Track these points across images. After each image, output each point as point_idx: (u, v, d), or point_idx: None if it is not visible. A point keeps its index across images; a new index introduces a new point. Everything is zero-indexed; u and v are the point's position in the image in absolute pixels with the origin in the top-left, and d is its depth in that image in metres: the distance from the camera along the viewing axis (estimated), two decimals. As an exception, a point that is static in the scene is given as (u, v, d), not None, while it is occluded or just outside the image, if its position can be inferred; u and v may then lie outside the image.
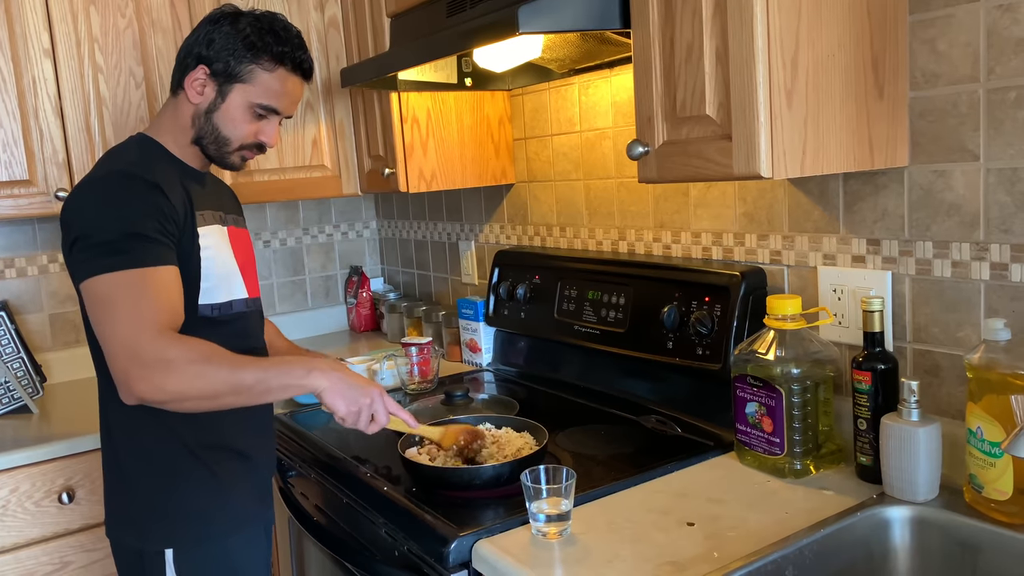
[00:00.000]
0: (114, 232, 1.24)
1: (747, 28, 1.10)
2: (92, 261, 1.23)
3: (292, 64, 1.43)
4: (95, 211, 1.27)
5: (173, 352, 1.19)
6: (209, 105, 1.41)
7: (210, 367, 1.20)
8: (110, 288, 1.22)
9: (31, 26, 2.08)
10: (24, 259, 2.41)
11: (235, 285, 1.43)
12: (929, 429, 1.19)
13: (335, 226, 2.91)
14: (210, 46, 1.39)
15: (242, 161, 1.48)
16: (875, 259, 1.35)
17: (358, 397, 1.30)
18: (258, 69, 1.40)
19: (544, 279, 1.97)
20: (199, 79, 1.40)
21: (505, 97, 2.16)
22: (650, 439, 1.57)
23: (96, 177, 1.32)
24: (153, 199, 1.29)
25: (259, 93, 1.41)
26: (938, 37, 1.22)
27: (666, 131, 1.26)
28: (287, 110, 1.47)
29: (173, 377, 1.19)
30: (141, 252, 1.24)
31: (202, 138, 1.43)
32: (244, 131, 1.43)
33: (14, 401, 2.11)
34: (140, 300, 1.22)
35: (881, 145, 1.24)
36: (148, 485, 1.39)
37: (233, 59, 1.39)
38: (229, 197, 1.59)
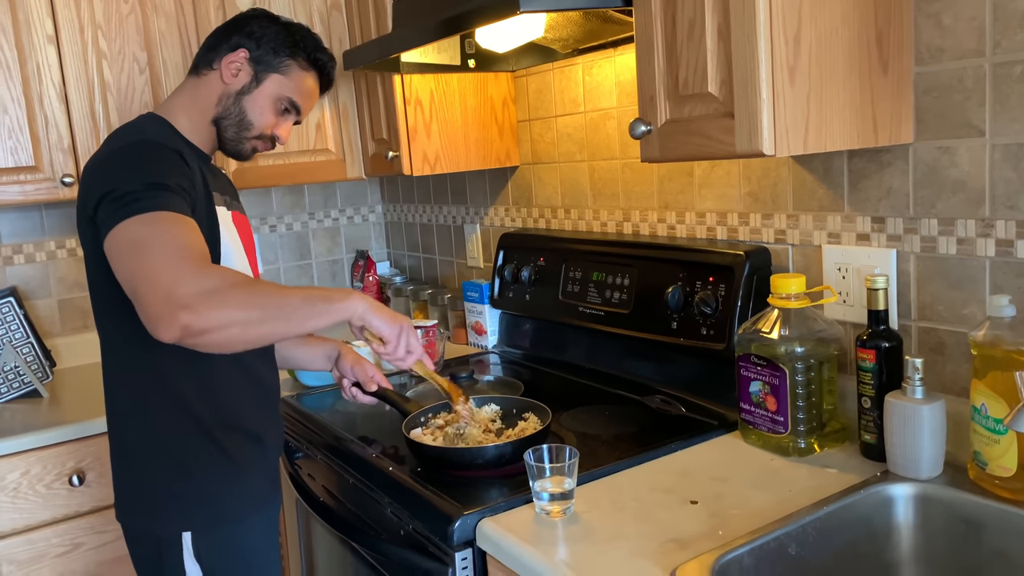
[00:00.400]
0: (139, 184, 1.21)
1: (748, 4, 1.09)
2: (119, 211, 1.18)
3: (321, 72, 1.53)
4: (118, 172, 1.24)
5: (215, 278, 1.14)
6: (242, 88, 1.45)
7: (254, 290, 1.16)
8: (139, 230, 1.17)
9: (34, 12, 2.08)
10: (32, 245, 2.42)
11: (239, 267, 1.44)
12: (933, 407, 1.18)
13: (341, 210, 2.91)
14: (252, 36, 1.45)
15: (252, 151, 1.51)
16: (880, 237, 1.35)
17: (396, 317, 1.32)
18: (295, 66, 1.48)
19: (549, 261, 1.97)
20: (237, 62, 1.44)
21: (509, 78, 2.16)
22: (654, 419, 1.57)
23: (113, 149, 1.31)
24: (176, 162, 1.29)
25: (291, 87, 1.48)
26: (943, 11, 1.21)
27: (668, 109, 1.26)
28: (305, 112, 1.54)
29: (219, 301, 1.12)
30: (168, 200, 1.21)
31: (225, 118, 1.45)
32: (267, 120, 1.48)
33: (24, 385, 2.13)
34: (172, 235, 1.17)
35: (885, 122, 1.23)
36: (161, 469, 1.38)
37: (275, 51, 1.46)
38: (230, 184, 1.59)
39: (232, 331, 1.13)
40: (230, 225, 1.43)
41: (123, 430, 1.41)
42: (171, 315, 1.10)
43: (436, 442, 1.45)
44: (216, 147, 1.50)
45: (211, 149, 1.50)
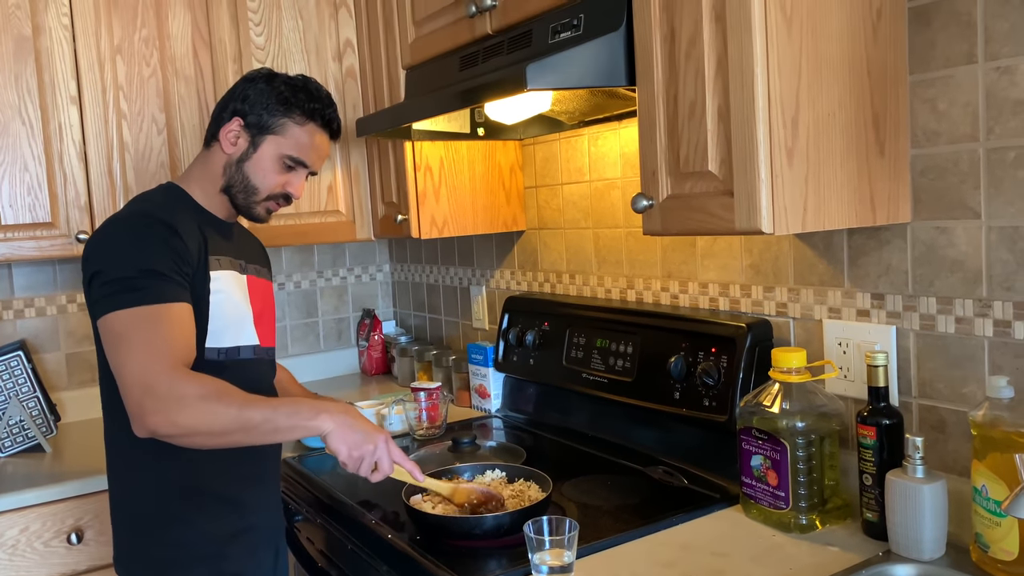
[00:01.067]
0: (131, 269, 1.29)
1: (748, 88, 1.13)
2: (109, 298, 1.28)
3: (322, 120, 1.52)
4: (113, 249, 1.32)
5: (186, 388, 1.22)
6: (241, 155, 1.48)
7: (221, 404, 1.22)
8: (126, 324, 1.26)
9: (60, 74, 2.16)
10: (43, 299, 2.45)
11: (245, 332, 1.46)
12: (934, 486, 1.18)
13: (349, 269, 2.94)
14: (245, 100, 1.48)
15: (267, 213, 1.53)
16: (879, 313, 1.36)
17: (362, 443, 1.30)
18: (290, 123, 1.48)
19: (553, 326, 1.99)
20: (233, 130, 1.47)
21: (516, 146, 2.20)
22: (656, 490, 1.56)
23: (117, 218, 1.39)
24: (169, 239, 1.34)
25: (290, 145, 1.48)
26: (938, 97, 1.24)
27: (670, 185, 1.29)
28: (315, 164, 1.53)
29: (185, 412, 1.21)
30: (156, 289, 1.29)
31: (232, 186, 1.49)
32: (272, 181, 1.49)
33: (28, 440, 2.14)
34: (155, 336, 1.25)
35: (883, 201, 1.26)
36: (134, 525, 1.43)
37: (267, 112, 1.47)
38: (256, 250, 1.64)
39: (197, 439, 1.24)
40: (236, 288, 1.46)
41: (113, 481, 1.47)
42: (142, 417, 1.22)
43: (436, 510, 1.44)
44: (234, 213, 1.54)
45: (228, 215, 1.54)
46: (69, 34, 2.16)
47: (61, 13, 2.15)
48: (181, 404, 1.21)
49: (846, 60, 1.20)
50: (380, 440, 1.32)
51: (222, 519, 1.44)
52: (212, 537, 1.43)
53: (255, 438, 1.25)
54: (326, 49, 2.26)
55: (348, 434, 1.29)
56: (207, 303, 1.40)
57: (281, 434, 1.27)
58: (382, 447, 1.32)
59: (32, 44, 2.12)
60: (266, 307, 1.55)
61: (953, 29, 1.22)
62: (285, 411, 1.27)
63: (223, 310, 1.41)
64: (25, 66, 2.12)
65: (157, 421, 1.21)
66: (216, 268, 1.42)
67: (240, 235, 1.60)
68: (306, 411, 1.28)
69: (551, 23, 1.46)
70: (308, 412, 1.28)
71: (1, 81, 2.09)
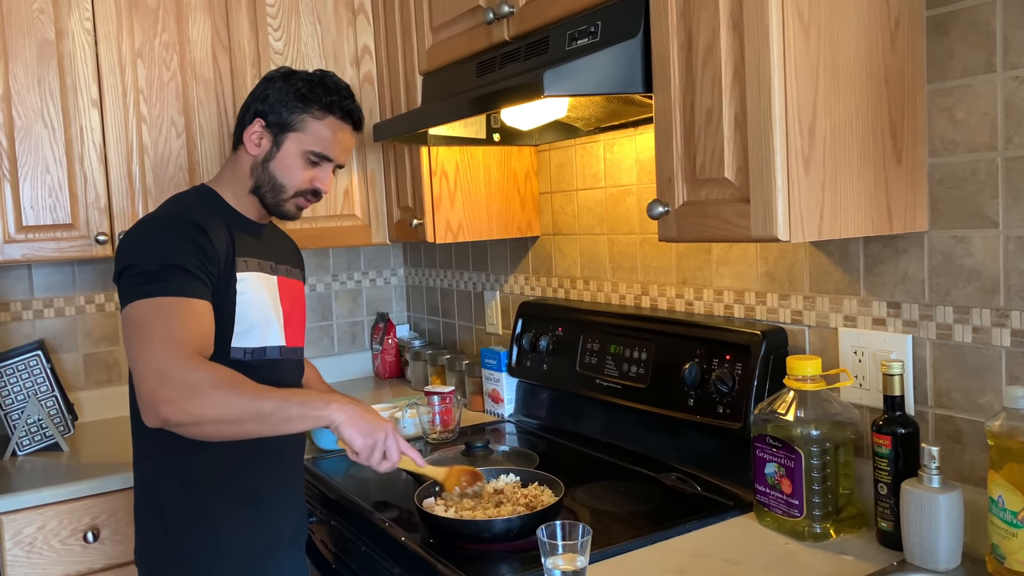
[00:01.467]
0: (156, 263, 1.32)
1: (765, 96, 1.13)
2: (134, 289, 1.31)
3: (341, 113, 1.52)
4: (142, 245, 1.36)
5: (199, 375, 1.23)
6: (266, 155, 1.49)
7: (234, 392, 1.24)
8: (145, 313, 1.29)
9: (81, 78, 2.18)
10: (62, 299, 2.48)
11: (271, 332, 1.48)
12: (950, 496, 1.17)
13: (364, 273, 2.96)
14: (265, 101, 1.50)
15: (297, 209, 1.54)
16: (895, 322, 1.36)
17: (373, 431, 1.33)
18: (309, 118, 1.49)
19: (567, 331, 1.99)
20: (256, 131, 1.49)
21: (532, 152, 2.21)
22: (669, 497, 1.56)
23: (149, 217, 1.42)
24: (196, 238, 1.36)
25: (311, 141, 1.49)
26: (956, 106, 1.24)
27: (686, 192, 1.29)
28: (339, 157, 1.54)
29: (197, 400, 1.22)
30: (179, 283, 1.31)
31: (260, 187, 1.51)
32: (299, 178, 1.50)
33: (46, 438, 2.16)
34: (172, 325, 1.27)
35: (900, 210, 1.25)
36: (158, 520, 1.44)
37: (286, 110, 1.48)
38: (289, 250, 1.66)
39: (206, 428, 1.24)
40: (264, 289, 1.48)
41: (136, 475, 1.49)
42: (154, 406, 1.22)
43: (449, 512, 1.45)
44: (266, 213, 1.55)
45: (260, 216, 1.55)
46: (91, 38, 2.19)
47: (84, 17, 2.18)
48: (194, 392, 1.22)
49: (864, 68, 1.20)
50: (388, 428, 1.35)
51: (246, 517, 1.46)
52: (235, 534, 1.44)
53: (267, 428, 1.26)
54: (344, 54, 2.27)
55: (360, 423, 1.32)
56: (233, 303, 1.41)
57: (293, 423, 1.27)
58: (391, 436, 1.35)
59: (55, 48, 2.15)
60: (296, 307, 1.56)
61: (972, 38, 1.21)
62: (297, 401, 1.28)
63: (249, 310, 1.43)
64: (48, 69, 2.14)
65: (169, 410, 1.22)
66: (243, 269, 1.44)
67: (273, 235, 1.61)
68: (317, 401, 1.30)
69: (568, 30, 1.46)
70: (319, 403, 1.30)
71: (24, 84, 2.12)
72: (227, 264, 1.41)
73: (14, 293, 2.42)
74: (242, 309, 1.42)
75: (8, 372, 2.17)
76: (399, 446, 1.37)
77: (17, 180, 2.12)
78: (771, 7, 1.11)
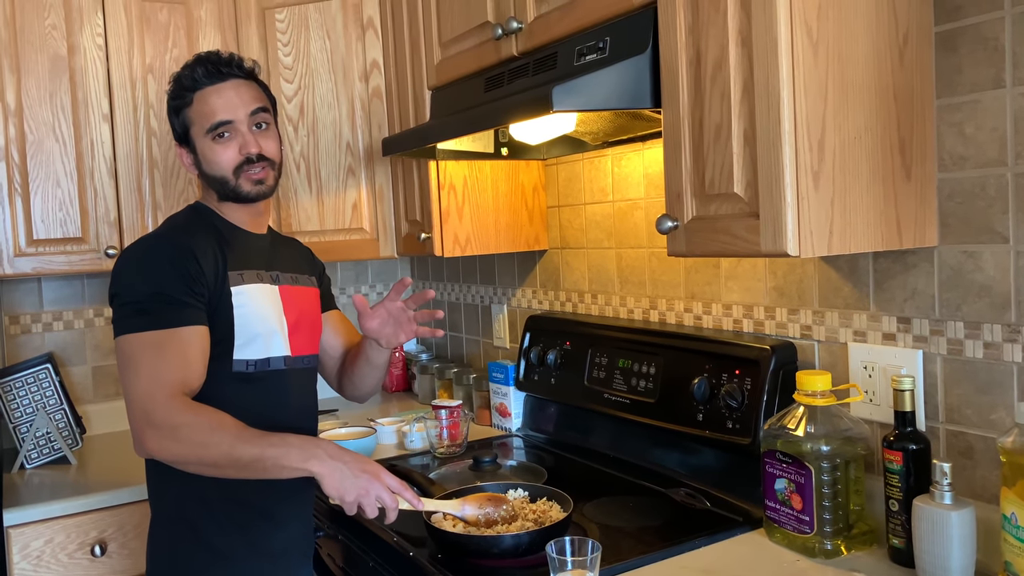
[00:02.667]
0: (141, 293, 1.34)
1: (774, 112, 1.13)
2: (121, 321, 1.34)
3: (206, 78, 1.43)
4: (129, 272, 1.38)
5: (180, 419, 1.27)
6: (196, 164, 1.49)
7: (213, 438, 1.26)
8: (133, 348, 1.32)
9: (93, 92, 2.20)
10: (71, 312, 2.49)
11: (275, 342, 1.47)
12: (962, 513, 1.17)
13: (371, 286, 2.96)
14: (172, 127, 1.51)
15: (254, 185, 1.46)
16: (906, 337, 1.35)
17: (353, 488, 1.26)
18: (187, 109, 1.46)
19: (575, 345, 1.99)
20: (180, 154, 1.51)
21: (540, 166, 2.22)
22: (679, 512, 1.56)
23: (139, 242, 1.43)
24: (183, 262, 1.37)
25: (201, 122, 1.44)
26: (965, 121, 1.24)
27: (695, 207, 1.29)
28: (236, 114, 1.43)
29: (178, 443, 1.27)
30: (165, 313, 1.33)
31: (217, 190, 1.48)
32: (224, 158, 1.44)
33: (54, 451, 2.17)
34: (158, 362, 1.30)
35: (909, 225, 1.25)
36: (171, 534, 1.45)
37: (175, 118, 1.49)
38: (296, 257, 1.62)
39: (190, 467, 1.30)
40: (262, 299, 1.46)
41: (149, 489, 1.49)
42: (142, 441, 1.29)
43: (456, 528, 1.44)
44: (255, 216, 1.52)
45: (253, 224, 1.53)
46: (103, 53, 2.21)
47: (96, 33, 2.20)
48: (174, 435, 1.27)
49: (872, 84, 1.20)
50: (372, 481, 1.27)
51: (255, 530, 1.45)
52: (244, 547, 1.44)
53: (245, 475, 1.28)
54: (353, 69, 2.29)
55: (340, 479, 1.25)
56: (232, 317, 1.41)
57: (269, 473, 1.26)
58: (376, 486, 1.27)
59: (67, 63, 2.17)
60: (304, 315, 1.54)
61: (980, 54, 1.22)
62: (274, 452, 1.26)
63: (249, 323, 1.43)
64: (60, 84, 2.16)
65: (153, 447, 1.28)
66: (238, 283, 1.44)
67: (276, 244, 1.59)
68: (295, 453, 1.26)
69: (576, 46, 1.47)
70: (298, 455, 1.26)
71: (36, 99, 2.14)
72: (218, 281, 1.41)
73: (24, 306, 2.43)
74: (241, 322, 1.42)
75: (18, 385, 2.18)
76: (391, 489, 1.28)
77: (28, 194, 2.14)
78: (780, 23, 1.12)
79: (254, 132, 1.45)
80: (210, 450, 1.26)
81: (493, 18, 1.73)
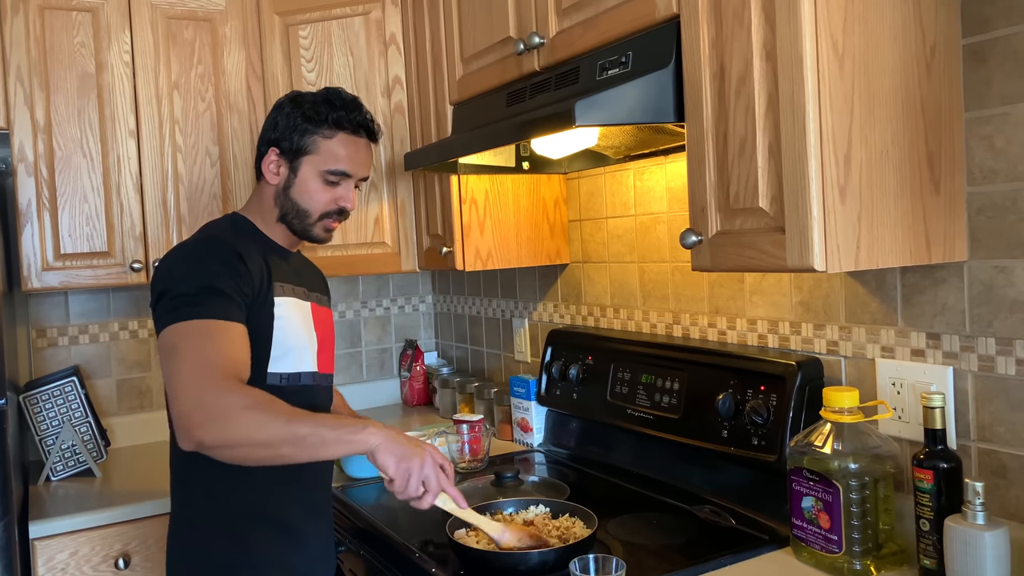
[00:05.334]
0: (192, 287, 1.32)
1: (799, 125, 1.12)
2: (170, 313, 1.31)
3: (351, 127, 1.50)
4: (178, 269, 1.37)
5: (232, 398, 1.22)
6: (285, 183, 1.50)
7: (267, 416, 1.22)
8: (180, 336, 1.29)
9: (120, 109, 2.23)
10: (97, 326, 2.52)
11: (306, 358, 1.48)
12: (996, 534, 1.14)
13: (392, 300, 2.97)
14: (276, 128, 1.50)
15: (326, 232, 1.53)
16: (935, 353, 1.33)
17: (409, 456, 1.27)
18: (319, 138, 1.48)
19: (597, 360, 1.98)
20: (272, 161, 1.51)
21: (561, 180, 2.22)
22: (703, 530, 1.53)
23: (184, 243, 1.44)
24: (231, 261, 1.38)
25: (326, 160, 1.49)
26: (995, 134, 1.22)
27: (719, 221, 1.28)
28: (357, 172, 1.52)
29: (230, 423, 1.21)
30: (214, 305, 1.31)
31: (286, 215, 1.52)
32: (320, 200, 1.50)
33: (79, 464, 2.18)
34: (207, 348, 1.27)
35: (938, 240, 1.23)
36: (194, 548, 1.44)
37: (296, 134, 1.48)
38: (317, 278, 1.67)
39: (240, 451, 1.23)
40: (299, 315, 1.49)
41: (174, 502, 1.49)
42: (188, 430, 1.22)
43: (480, 544, 1.43)
44: (295, 240, 1.56)
45: (289, 243, 1.56)
46: (130, 70, 2.24)
47: (123, 51, 2.23)
48: (227, 415, 1.21)
49: (899, 97, 1.19)
50: (427, 457, 1.29)
51: (277, 544, 1.45)
52: (266, 562, 1.44)
53: (301, 452, 1.24)
54: (375, 85, 2.30)
55: (395, 447, 1.27)
56: (271, 328, 1.42)
57: (327, 448, 1.25)
58: (429, 464, 1.28)
59: (95, 80, 2.20)
60: (327, 334, 1.57)
61: (1010, 66, 1.20)
62: (331, 424, 1.25)
63: (285, 336, 1.44)
64: (88, 101, 2.20)
65: (202, 433, 1.21)
66: (280, 294, 1.45)
67: (301, 263, 1.63)
68: (352, 425, 1.27)
69: (599, 60, 1.47)
70: (354, 427, 1.27)
71: (65, 116, 2.17)
72: (263, 289, 1.42)
73: (51, 319, 2.46)
74: (279, 334, 1.43)
75: (44, 398, 2.20)
76: (439, 480, 1.30)
77: (56, 209, 2.17)
78: (805, 37, 1.11)
79: (353, 191, 1.53)
80: (265, 428, 1.21)
81: (515, 33, 1.73)
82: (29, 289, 2.14)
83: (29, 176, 2.14)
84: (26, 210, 2.13)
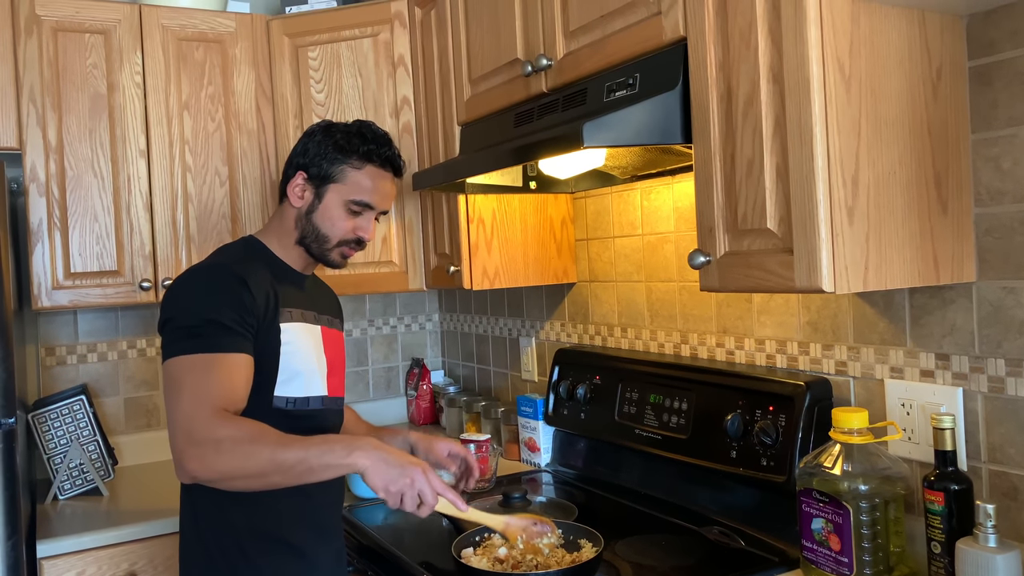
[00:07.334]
0: (195, 318, 1.35)
1: (807, 147, 1.13)
2: (172, 344, 1.35)
3: (380, 160, 1.54)
4: (183, 298, 1.39)
5: (223, 432, 1.26)
6: (308, 207, 1.52)
7: (255, 447, 1.25)
8: (180, 369, 1.32)
9: (130, 129, 2.25)
10: (105, 344, 2.53)
11: (314, 382, 1.49)
12: (1008, 557, 1.13)
13: (399, 318, 2.98)
14: (306, 154, 1.53)
15: (342, 258, 1.57)
16: (944, 374, 1.33)
17: (398, 478, 1.27)
18: (348, 168, 1.52)
19: (605, 380, 1.98)
20: (299, 184, 1.53)
21: (568, 199, 2.23)
22: (712, 551, 1.53)
23: (194, 269, 1.45)
24: (236, 291, 1.39)
25: (351, 190, 1.52)
26: (1002, 156, 1.23)
27: (728, 242, 1.28)
28: (380, 204, 1.56)
29: (222, 457, 1.25)
30: (215, 338, 1.34)
31: (305, 238, 1.54)
32: (342, 228, 1.53)
33: (87, 483, 2.18)
34: (203, 382, 1.30)
35: (946, 260, 1.24)
36: (203, 567, 1.44)
37: (326, 162, 1.51)
38: (330, 300, 1.68)
39: (235, 483, 1.27)
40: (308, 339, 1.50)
41: (183, 523, 1.49)
42: (182, 464, 1.26)
43: (486, 565, 1.43)
44: (311, 263, 1.58)
45: (304, 266, 1.58)
46: (141, 91, 2.26)
47: (134, 71, 2.25)
48: (217, 448, 1.25)
49: (906, 119, 1.20)
50: (418, 473, 1.28)
51: (287, 565, 1.45)
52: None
53: (291, 479, 1.26)
54: (384, 105, 2.32)
55: (385, 470, 1.27)
56: (277, 353, 1.43)
57: (315, 474, 1.26)
58: (420, 479, 1.28)
59: (106, 100, 2.23)
60: (337, 357, 1.57)
61: (1016, 88, 1.20)
62: (318, 450, 1.26)
63: (293, 360, 1.45)
64: (99, 121, 2.22)
65: (195, 466, 1.25)
66: (287, 320, 1.46)
67: (315, 286, 1.64)
68: (339, 449, 1.27)
69: (606, 82, 1.48)
70: (342, 451, 1.27)
71: (76, 135, 2.19)
72: (269, 315, 1.43)
73: (60, 337, 2.47)
74: (286, 359, 1.44)
75: (52, 416, 2.21)
76: (435, 488, 1.30)
77: (67, 228, 2.18)
78: (811, 60, 1.12)
79: (373, 223, 1.57)
80: (253, 459, 1.24)
81: (523, 55, 1.75)
82: (39, 308, 2.15)
83: (41, 196, 2.15)
84: (37, 229, 2.15)
